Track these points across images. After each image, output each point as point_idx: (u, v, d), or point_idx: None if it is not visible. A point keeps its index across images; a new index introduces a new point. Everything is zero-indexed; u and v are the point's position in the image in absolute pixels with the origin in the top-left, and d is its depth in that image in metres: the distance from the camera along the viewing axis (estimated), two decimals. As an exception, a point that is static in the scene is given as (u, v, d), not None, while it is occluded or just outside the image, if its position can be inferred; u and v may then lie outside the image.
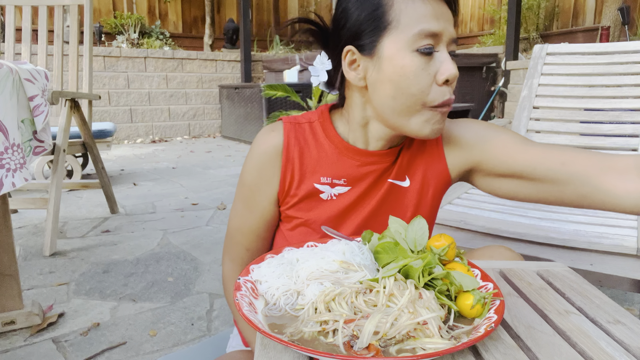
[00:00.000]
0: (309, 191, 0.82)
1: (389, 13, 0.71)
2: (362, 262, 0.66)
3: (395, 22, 0.71)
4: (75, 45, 2.81)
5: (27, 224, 2.80)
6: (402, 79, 0.71)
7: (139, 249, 2.40)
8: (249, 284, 0.66)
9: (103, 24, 7.22)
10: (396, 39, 0.71)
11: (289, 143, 0.81)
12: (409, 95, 0.72)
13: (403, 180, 0.85)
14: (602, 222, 1.23)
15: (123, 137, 6.37)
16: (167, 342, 1.55)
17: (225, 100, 6.78)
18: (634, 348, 0.56)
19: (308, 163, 0.82)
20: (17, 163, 1.60)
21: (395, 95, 0.73)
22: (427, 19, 0.70)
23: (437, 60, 0.71)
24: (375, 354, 0.51)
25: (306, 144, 0.82)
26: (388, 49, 0.72)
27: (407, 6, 0.70)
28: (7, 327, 1.58)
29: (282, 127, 0.82)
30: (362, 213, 0.84)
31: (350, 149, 0.82)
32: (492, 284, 0.65)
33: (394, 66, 0.71)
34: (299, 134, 0.82)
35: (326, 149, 0.82)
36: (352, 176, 0.82)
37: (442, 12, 0.71)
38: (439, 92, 0.72)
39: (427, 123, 0.74)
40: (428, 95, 0.72)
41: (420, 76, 0.71)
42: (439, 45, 0.71)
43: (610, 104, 1.96)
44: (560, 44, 2.27)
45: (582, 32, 7.08)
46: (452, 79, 0.72)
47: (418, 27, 0.69)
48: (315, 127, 0.83)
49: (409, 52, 0.70)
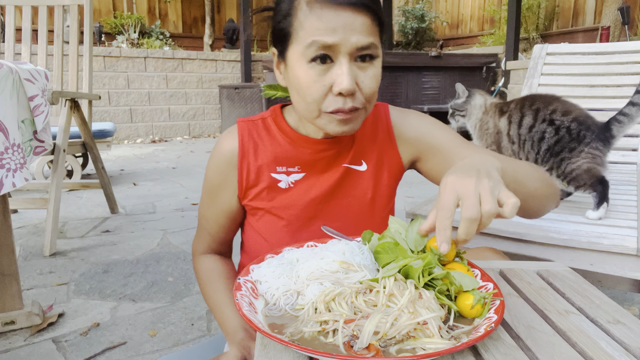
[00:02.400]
0: (268, 182, 0.88)
1: (292, 24, 0.75)
2: (362, 262, 0.66)
3: (295, 34, 0.74)
4: (75, 45, 2.81)
5: (27, 224, 2.80)
6: (299, 88, 0.76)
7: (139, 249, 2.39)
8: (249, 284, 0.66)
9: (103, 24, 7.22)
10: (295, 49, 0.75)
11: (243, 141, 0.88)
12: (306, 102, 0.76)
13: (360, 165, 0.91)
14: (602, 222, 1.23)
15: (123, 137, 6.37)
16: (167, 342, 1.55)
17: (225, 100, 6.78)
18: (634, 348, 0.56)
19: (263, 156, 0.88)
20: (17, 163, 1.60)
21: (298, 100, 0.79)
22: (321, 32, 0.71)
23: (334, 72, 0.73)
24: (375, 354, 0.51)
25: (260, 138, 0.89)
26: (291, 58, 0.76)
27: (306, 18, 0.73)
28: (7, 327, 1.58)
29: (237, 128, 0.90)
30: (320, 196, 0.88)
31: (301, 138, 0.87)
32: (492, 284, 0.65)
33: (294, 76, 0.76)
34: (252, 131, 0.89)
35: (279, 141, 0.88)
36: (305, 162, 0.88)
37: (342, 22, 0.71)
38: (333, 101, 0.74)
39: (329, 124, 0.77)
40: (322, 104, 0.75)
41: (312, 87, 0.74)
42: (337, 56, 0.72)
43: (610, 104, 1.96)
44: (560, 44, 2.27)
45: (582, 32, 7.07)
46: (345, 93, 0.73)
47: (310, 39, 0.72)
48: (267, 123, 0.90)
49: (304, 63, 0.74)
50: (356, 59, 0.74)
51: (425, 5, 9.44)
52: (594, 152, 1.29)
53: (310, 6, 0.73)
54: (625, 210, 1.33)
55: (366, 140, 0.91)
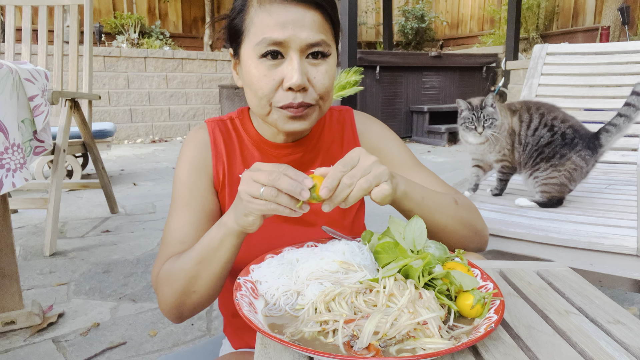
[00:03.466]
0: (236, 181, 0.86)
1: (244, 22, 0.76)
2: (362, 262, 0.66)
3: (247, 31, 0.75)
4: (75, 45, 2.81)
5: (27, 224, 2.80)
6: (250, 84, 0.76)
7: (139, 249, 2.39)
8: (249, 284, 0.66)
9: (103, 24, 7.22)
10: (247, 46, 0.76)
11: (215, 139, 0.87)
12: (257, 98, 0.76)
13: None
14: (602, 222, 1.23)
15: (123, 137, 6.37)
16: (167, 342, 1.55)
17: (225, 100, 6.78)
18: (634, 348, 0.56)
19: (233, 154, 0.87)
20: (17, 163, 1.60)
21: (251, 98, 0.79)
22: (271, 28, 0.72)
23: (284, 67, 0.74)
24: (375, 354, 0.51)
25: (229, 137, 0.88)
26: (243, 54, 0.77)
27: (256, 15, 0.74)
28: (7, 327, 1.58)
29: (206, 126, 0.88)
30: None
31: (264, 142, 0.87)
32: (492, 284, 0.65)
33: (247, 72, 0.77)
34: (222, 129, 0.88)
35: (246, 143, 0.88)
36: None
37: (292, 18, 0.72)
38: (283, 96, 0.75)
39: (279, 120, 0.78)
40: (273, 98, 0.76)
41: (262, 82, 0.74)
42: (288, 52, 0.73)
43: (610, 104, 1.96)
44: (560, 44, 2.28)
45: (582, 32, 7.07)
46: (295, 88, 0.73)
47: (261, 36, 0.73)
48: (235, 123, 0.90)
49: (255, 59, 0.74)
50: (308, 55, 0.75)
51: (425, 5, 9.44)
52: (580, 162, 1.36)
53: (260, 2, 0.74)
54: (625, 210, 1.33)
55: (335, 145, 0.92)
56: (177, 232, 0.81)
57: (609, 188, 1.58)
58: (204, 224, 0.83)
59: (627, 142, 1.87)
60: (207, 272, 0.72)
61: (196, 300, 0.75)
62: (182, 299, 0.75)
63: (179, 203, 0.84)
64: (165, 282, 0.76)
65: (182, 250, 0.80)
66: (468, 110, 1.43)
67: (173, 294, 0.75)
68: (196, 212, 0.83)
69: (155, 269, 0.81)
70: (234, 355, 0.89)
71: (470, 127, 1.41)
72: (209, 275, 0.72)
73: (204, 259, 0.71)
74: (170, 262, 0.78)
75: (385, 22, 6.94)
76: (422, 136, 6.46)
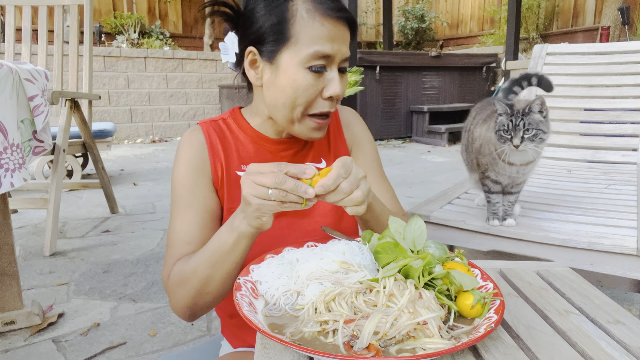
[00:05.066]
0: (234, 178, 0.87)
1: (291, 29, 0.77)
2: (362, 262, 0.66)
3: (295, 39, 0.77)
4: (75, 45, 2.81)
5: (27, 224, 2.79)
6: (292, 90, 0.79)
7: (139, 249, 2.39)
8: (249, 284, 0.66)
9: (103, 24, 7.22)
10: (293, 54, 0.77)
11: (211, 137, 0.88)
12: (297, 104, 0.80)
13: (319, 163, 0.94)
14: (602, 222, 1.23)
15: (123, 137, 6.37)
16: (167, 342, 1.55)
17: (225, 100, 6.78)
18: (634, 348, 0.56)
19: (229, 153, 0.88)
20: (16, 163, 1.60)
21: (285, 102, 0.80)
22: (323, 41, 0.76)
23: (326, 78, 0.79)
24: (375, 354, 0.51)
25: (224, 135, 0.89)
26: (285, 61, 0.78)
27: (307, 25, 0.76)
28: (7, 327, 1.58)
29: (200, 127, 0.89)
30: None
31: (262, 137, 0.89)
32: (492, 284, 0.65)
33: (288, 78, 0.78)
34: (216, 129, 0.89)
35: (242, 140, 0.90)
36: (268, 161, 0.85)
37: (338, 34, 0.78)
38: (321, 104, 0.81)
39: (305, 128, 0.82)
40: (311, 106, 0.81)
41: (308, 91, 0.78)
42: (331, 65, 0.79)
43: (610, 104, 1.96)
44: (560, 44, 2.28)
45: (582, 32, 7.08)
46: (335, 97, 0.81)
47: (313, 48, 0.76)
48: (228, 123, 0.91)
49: (302, 69, 0.77)
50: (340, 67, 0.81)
51: (425, 5, 9.44)
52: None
53: (312, 15, 0.76)
54: (625, 210, 1.33)
55: (322, 139, 0.95)
56: (182, 234, 0.82)
57: (609, 188, 1.58)
58: (208, 223, 0.84)
59: (627, 142, 1.87)
60: (220, 273, 0.73)
61: (210, 299, 0.77)
62: (196, 300, 0.77)
63: (180, 205, 0.84)
64: (178, 284, 0.78)
65: (189, 251, 0.81)
66: (506, 115, 1.10)
67: (186, 296, 0.77)
68: (199, 212, 0.83)
69: (165, 271, 0.82)
70: (234, 355, 0.89)
71: (506, 137, 1.10)
72: (223, 277, 0.74)
73: (217, 262, 0.73)
74: (181, 265, 0.78)
75: (385, 22, 6.94)
76: (422, 136, 6.46)
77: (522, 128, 1.07)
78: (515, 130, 1.08)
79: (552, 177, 1.74)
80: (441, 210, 1.40)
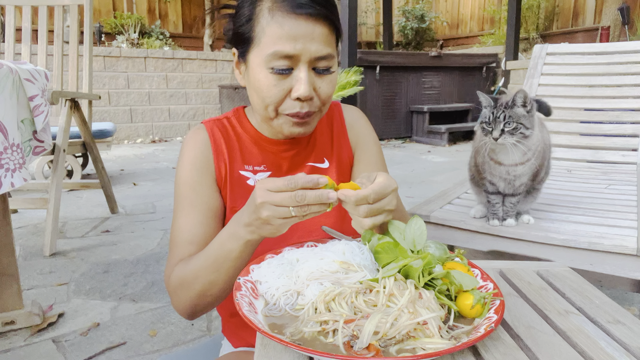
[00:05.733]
0: (237, 178, 0.88)
1: (254, 29, 0.77)
2: (362, 262, 0.66)
3: (257, 39, 0.76)
4: (75, 45, 2.81)
5: (27, 224, 2.80)
6: (258, 91, 0.79)
7: (139, 249, 2.39)
8: (249, 284, 0.66)
9: (103, 24, 7.22)
10: (257, 54, 0.77)
11: (214, 136, 0.88)
12: (265, 104, 0.79)
13: (322, 163, 0.94)
14: (602, 222, 1.23)
15: (123, 137, 6.36)
16: (167, 342, 1.55)
17: (225, 100, 6.78)
18: (634, 348, 0.56)
19: (233, 152, 0.89)
20: (16, 163, 1.60)
21: (257, 102, 0.81)
22: (283, 41, 0.74)
23: (294, 78, 0.77)
24: (375, 354, 0.51)
25: (227, 135, 0.90)
26: (252, 62, 0.79)
27: (268, 24, 0.75)
28: (7, 327, 1.58)
29: (204, 126, 0.89)
30: None
31: (263, 138, 0.90)
32: (492, 284, 0.65)
33: (254, 78, 0.79)
34: (220, 128, 0.89)
35: (244, 140, 0.90)
36: (271, 162, 0.90)
37: (303, 32, 0.74)
38: (290, 105, 0.78)
39: (284, 125, 0.81)
40: (280, 106, 0.79)
41: (272, 91, 0.77)
42: (297, 64, 0.76)
43: (610, 104, 1.96)
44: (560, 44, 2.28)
45: (582, 32, 7.07)
46: (303, 99, 0.77)
47: (273, 48, 0.74)
48: (232, 122, 0.92)
49: (264, 69, 0.76)
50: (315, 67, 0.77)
51: (425, 5, 9.44)
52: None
53: (272, 13, 0.74)
54: (625, 210, 1.33)
55: (325, 139, 0.95)
56: (185, 233, 0.83)
57: (609, 188, 1.58)
58: (212, 222, 0.84)
59: (627, 142, 1.87)
60: (224, 278, 0.74)
61: (212, 300, 0.78)
62: (198, 301, 0.78)
63: (184, 203, 0.84)
64: (180, 286, 0.78)
65: (192, 251, 0.81)
66: (489, 107, 1.11)
67: (189, 298, 0.78)
68: (203, 211, 0.84)
69: (168, 271, 0.83)
70: (234, 355, 0.89)
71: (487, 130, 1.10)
72: (226, 280, 0.74)
73: (221, 267, 0.73)
74: (182, 267, 0.79)
75: (385, 22, 6.94)
76: (422, 136, 6.46)
77: (502, 121, 1.07)
78: (495, 122, 1.08)
79: (552, 177, 1.74)
80: (441, 210, 1.40)
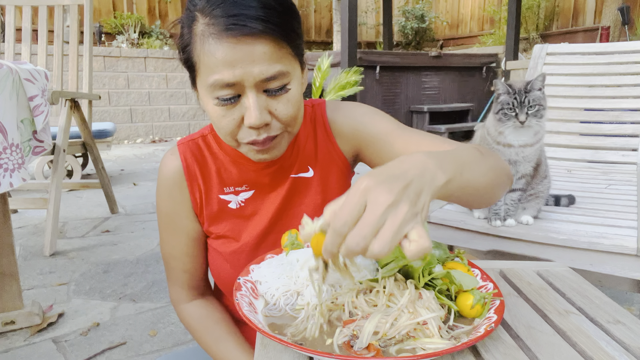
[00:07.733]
0: (217, 205, 0.84)
1: (192, 56, 0.68)
2: (362, 262, 0.66)
3: (197, 67, 0.68)
4: (75, 45, 2.81)
5: (27, 224, 2.79)
6: (212, 121, 0.72)
7: (139, 249, 2.39)
8: (249, 284, 0.66)
9: (103, 24, 7.22)
10: (201, 83, 0.69)
11: (187, 162, 0.83)
12: (221, 134, 0.72)
13: (307, 172, 0.87)
14: (602, 222, 1.23)
15: (123, 137, 6.36)
16: (167, 342, 1.55)
17: (225, 100, 6.77)
18: (634, 348, 0.56)
19: (209, 177, 0.84)
20: (15, 163, 1.60)
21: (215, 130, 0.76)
22: (220, 68, 0.64)
23: (243, 106, 0.68)
24: (376, 354, 0.51)
25: (203, 158, 0.84)
26: (199, 90, 0.71)
27: (202, 51, 0.66)
28: (7, 327, 1.58)
29: (178, 150, 0.84)
30: (273, 211, 0.85)
31: (241, 156, 0.82)
32: (492, 284, 0.65)
33: (205, 108, 0.72)
34: (194, 151, 0.84)
35: (221, 160, 0.84)
36: (252, 180, 0.84)
37: (240, 55, 0.64)
38: (247, 133, 0.70)
39: (249, 153, 0.74)
40: (237, 135, 0.71)
41: (222, 123, 0.69)
42: (243, 90, 0.67)
43: (610, 104, 1.96)
44: (560, 44, 2.27)
45: (582, 32, 7.07)
46: (255, 127, 0.68)
47: (212, 78, 0.65)
48: (208, 140, 0.85)
49: (211, 99, 0.68)
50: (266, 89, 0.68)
51: (425, 5, 9.44)
52: None
53: (202, 40, 0.65)
54: (625, 210, 1.33)
55: (308, 145, 0.86)
56: (175, 261, 0.88)
57: (609, 188, 1.58)
58: (194, 250, 0.88)
59: (627, 142, 1.87)
60: None
61: None
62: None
63: (167, 231, 0.87)
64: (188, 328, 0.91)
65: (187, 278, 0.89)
66: (508, 94, 1.13)
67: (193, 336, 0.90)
68: (183, 240, 0.87)
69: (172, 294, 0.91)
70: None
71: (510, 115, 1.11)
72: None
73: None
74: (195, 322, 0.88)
75: (385, 22, 6.94)
76: (422, 136, 6.45)
77: (527, 104, 1.12)
78: (521, 106, 1.12)
79: (552, 177, 1.74)
80: (441, 210, 1.40)
